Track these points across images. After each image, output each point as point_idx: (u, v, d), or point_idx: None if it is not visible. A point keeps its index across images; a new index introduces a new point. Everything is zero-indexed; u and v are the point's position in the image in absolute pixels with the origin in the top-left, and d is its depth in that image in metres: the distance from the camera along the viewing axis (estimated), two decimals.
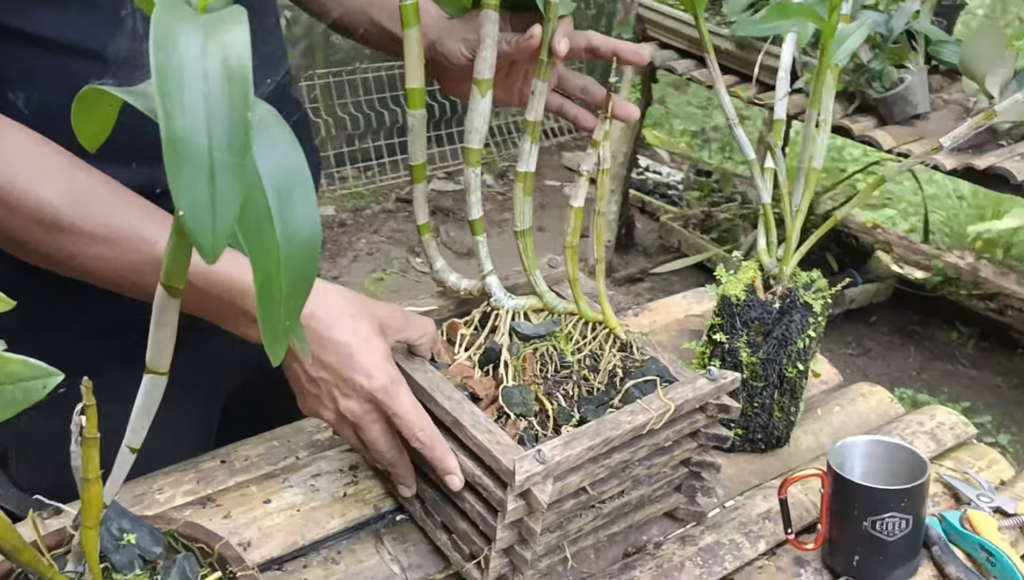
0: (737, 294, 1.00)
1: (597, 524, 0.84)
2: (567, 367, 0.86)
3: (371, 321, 0.79)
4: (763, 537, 0.90)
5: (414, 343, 0.83)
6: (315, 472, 0.91)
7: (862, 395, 1.13)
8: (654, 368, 0.86)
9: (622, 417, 0.80)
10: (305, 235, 0.49)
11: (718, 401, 0.86)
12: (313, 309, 0.76)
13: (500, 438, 0.76)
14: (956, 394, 2.72)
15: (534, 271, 0.87)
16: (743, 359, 0.99)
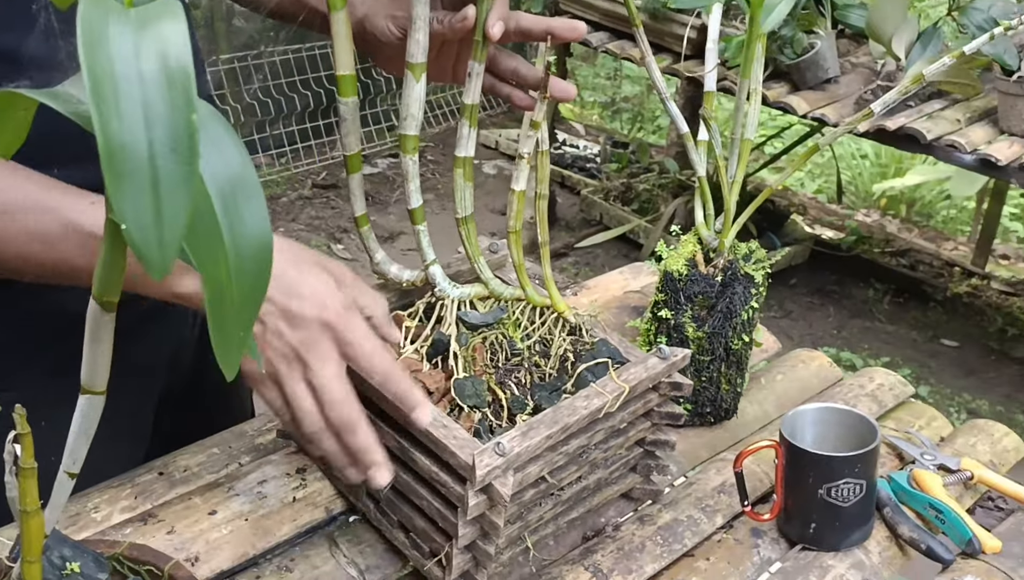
0: (679, 269, 1.00)
1: (557, 511, 0.83)
2: (518, 354, 0.84)
3: (320, 264, 0.76)
4: (720, 511, 0.90)
5: (367, 313, 0.78)
6: (261, 478, 0.88)
7: (802, 362, 1.15)
8: (605, 350, 0.85)
9: (578, 402, 0.78)
10: (256, 242, 0.46)
11: (670, 379, 0.85)
12: None
13: (456, 432, 0.74)
14: (876, 350, 2.80)
15: (478, 258, 0.85)
16: (689, 334, 0.98)
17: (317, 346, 0.71)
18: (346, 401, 0.72)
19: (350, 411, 0.73)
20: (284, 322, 0.71)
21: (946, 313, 2.98)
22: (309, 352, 0.71)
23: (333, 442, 0.74)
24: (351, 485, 0.86)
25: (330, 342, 0.72)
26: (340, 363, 0.73)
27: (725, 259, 1.01)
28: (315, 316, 0.71)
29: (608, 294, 1.25)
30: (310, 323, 0.71)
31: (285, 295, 0.71)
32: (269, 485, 0.87)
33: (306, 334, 0.71)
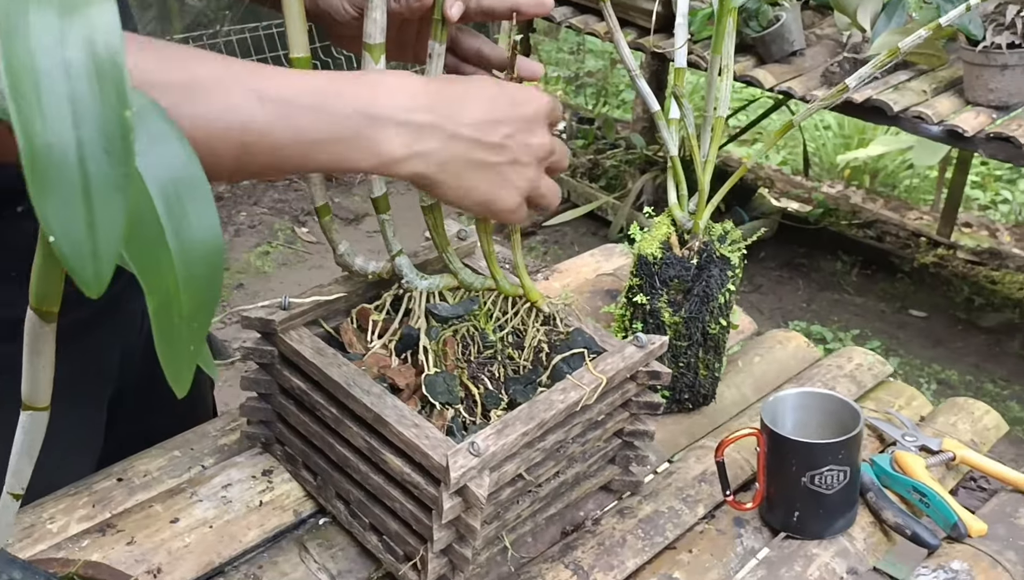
0: (653, 253, 0.97)
1: (535, 508, 0.80)
2: (490, 347, 0.81)
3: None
4: (701, 501, 0.88)
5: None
6: (225, 482, 0.84)
7: (779, 342, 1.13)
8: (580, 340, 0.82)
9: (554, 396, 0.75)
10: (205, 246, 0.42)
11: (648, 368, 0.82)
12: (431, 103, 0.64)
13: (428, 432, 0.71)
14: (845, 322, 2.81)
15: (447, 248, 0.81)
16: (665, 319, 0.96)
17: (548, 131, 0.70)
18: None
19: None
20: (526, 133, 0.67)
21: (913, 284, 2.99)
22: (554, 144, 0.70)
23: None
24: (320, 486, 0.82)
25: (547, 119, 0.70)
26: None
27: (700, 241, 0.98)
28: (540, 104, 0.69)
29: (580, 277, 1.22)
30: (540, 117, 0.69)
31: (511, 106, 0.67)
32: (234, 489, 0.83)
33: (545, 132, 0.69)
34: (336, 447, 0.78)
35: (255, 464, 0.86)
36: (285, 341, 0.79)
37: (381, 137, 0.60)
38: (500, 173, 0.66)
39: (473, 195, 0.66)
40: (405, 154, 0.61)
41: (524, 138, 0.67)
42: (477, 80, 0.70)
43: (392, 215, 0.81)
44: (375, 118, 0.60)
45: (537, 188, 0.69)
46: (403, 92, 0.62)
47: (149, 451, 0.88)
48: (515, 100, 0.68)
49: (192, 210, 0.42)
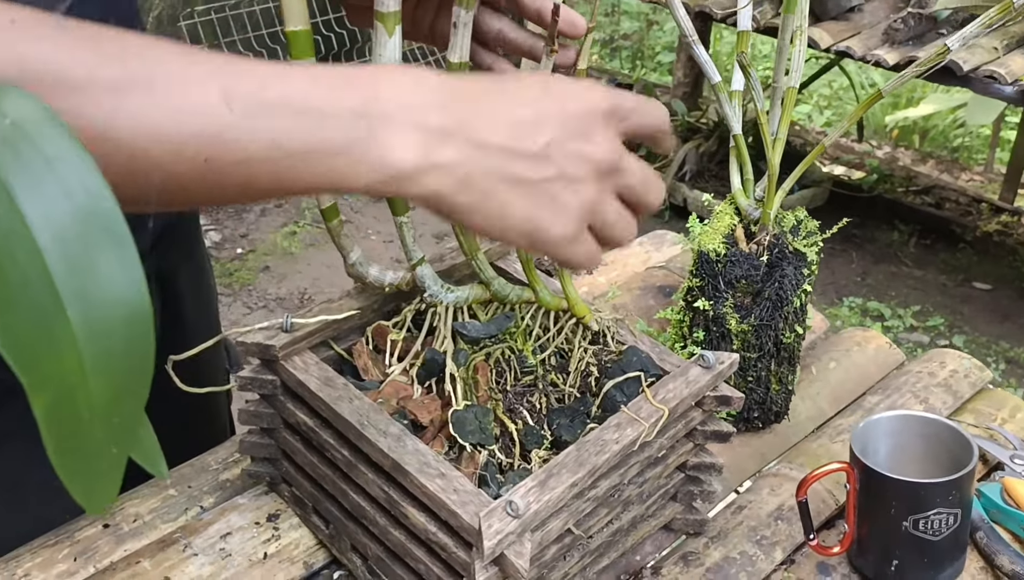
0: (716, 248, 0.83)
1: (585, 563, 0.68)
2: (529, 372, 0.68)
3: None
4: (778, 543, 0.75)
5: (659, 131, 0.56)
6: (224, 530, 0.72)
7: (857, 344, 0.99)
8: (636, 361, 0.69)
9: (607, 434, 0.63)
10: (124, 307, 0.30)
11: (716, 392, 0.70)
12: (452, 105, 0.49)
13: (456, 483, 0.59)
14: (904, 297, 2.64)
15: (476, 253, 0.69)
16: (732, 327, 0.82)
17: (618, 145, 0.53)
18: (645, 170, 0.56)
19: (653, 178, 0.56)
20: (577, 139, 0.51)
21: (977, 254, 2.82)
22: (619, 155, 0.53)
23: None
24: (333, 535, 0.71)
25: (618, 131, 0.54)
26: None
27: (770, 234, 0.84)
28: (595, 103, 0.52)
29: (628, 271, 1.09)
30: (597, 117, 0.52)
31: (555, 101, 0.52)
32: (234, 539, 0.72)
33: (604, 137, 0.52)
34: (350, 494, 0.66)
35: (259, 507, 0.75)
36: (288, 370, 0.67)
37: (384, 144, 0.46)
38: (543, 191, 0.50)
39: (510, 221, 0.50)
40: (417, 166, 0.47)
41: (575, 145, 0.51)
42: (513, 79, 0.55)
43: (411, 217, 0.69)
44: (376, 120, 0.46)
45: (602, 213, 0.53)
46: (412, 88, 0.48)
47: (140, 489, 0.77)
48: (561, 94, 0.53)
49: (103, 259, 0.29)
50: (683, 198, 2.99)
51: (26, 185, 0.28)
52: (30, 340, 0.27)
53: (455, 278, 0.78)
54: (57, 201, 0.28)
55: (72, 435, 0.29)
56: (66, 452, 0.29)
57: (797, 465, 0.82)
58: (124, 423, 0.30)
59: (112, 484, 0.31)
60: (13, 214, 0.28)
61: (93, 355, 0.28)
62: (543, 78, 0.54)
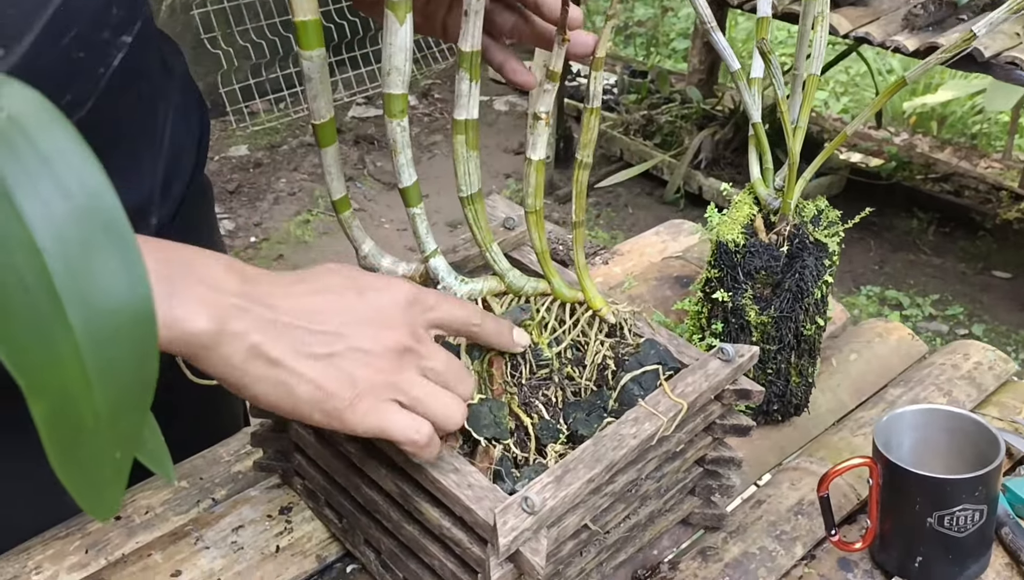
0: (735, 239, 0.82)
1: (601, 559, 0.67)
2: (545, 365, 0.67)
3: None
4: (798, 538, 0.74)
5: (467, 328, 0.61)
6: (236, 523, 0.72)
7: (878, 335, 0.97)
8: (653, 354, 0.68)
9: (624, 429, 0.61)
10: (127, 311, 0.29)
11: (735, 386, 0.68)
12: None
13: (471, 478, 0.58)
14: (923, 286, 2.61)
15: (490, 245, 0.67)
16: (751, 319, 0.81)
17: (419, 331, 0.57)
18: (461, 368, 0.60)
19: (466, 380, 0.60)
20: (375, 323, 0.55)
21: (996, 242, 2.78)
22: (418, 340, 0.57)
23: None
24: (346, 529, 0.70)
25: (426, 325, 0.59)
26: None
27: (790, 224, 0.83)
28: (397, 297, 0.57)
29: (644, 261, 1.07)
30: (394, 308, 0.57)
31: (355, 294, 0.56)
32: (246, 532, 0.71)
33: (403, 324, 0.57)
34: (363, 488, 0.65)
35: (271, 499, 0.74)
36: None
37: (179, 310, 0.49)
38: (332, 363, 0.53)
39: (298, 390, 0.52)
40: (210, 330, 0.50)
41: (371, 328, 0.54)
42: (322, 270, 0.58)
43: (425, 208, 0.67)
44: (175, 292, 0.50)
45: (405, 388, 0.55)
46: (216, 273, 0.52)
47: (152, 482, 0.77)
48: (364, 287, 0.56)
49: (105, 261, 0.28)
50: (698, 186, 2.96)
51: (23, 183, 0.27)
52: (29, 345, 0.26)
53: (469, 269, 0.77)
54: (55, 200, 0.27)
55: (74, 442, 0.28)
56: (69, 460, 0.28)
57: (818, 459, 0.80)
58: (129, 428, 0.29)
59: (117, 490, 0.30)
60: (10, 214, 0.27)
61: (96, 361, 0.27)
62: (351, 270, 0.58)
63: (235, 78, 3.32)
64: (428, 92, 3.71)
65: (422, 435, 0.55)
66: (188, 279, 0.50)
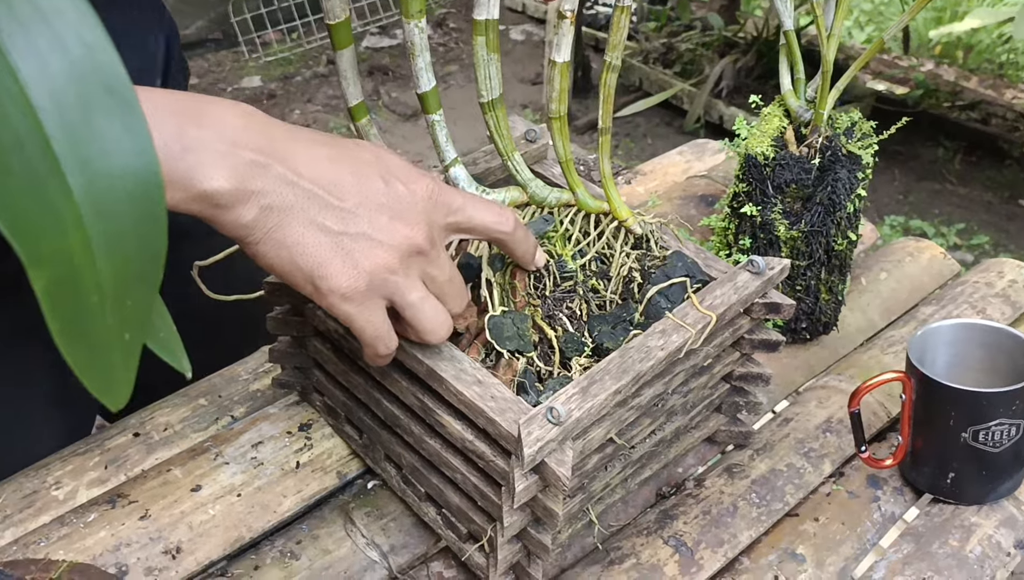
0: (764, 151, 0.79)
1: (627, 474, 0.66)
2: (569, 277, 0.65)
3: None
4: (826, 455, 0.72)
5: (496, 233, 0.58)
6: (256, 439, 0.71)
7: (909, 254, 0.95)
8: (680, 266, 0.66)
9: (651, 341, 0.60)
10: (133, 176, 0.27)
11: (765, 299, 0.66)
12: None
13: (494, 390, 0.56)
14: (948, 215, 2.57)
15: (512, 154, 0.65)
16: (780, 234, 0.78)
17: (431, 226, 0.54)
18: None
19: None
20: (392, 214, 0.53)
21: (1023, 170, 2.72)
22: (434, 238, 0.54)
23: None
24: (367, 445, 0.69)
25: (434, 213, 0.55)
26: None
27: (823, 136, 0.80)
28: (419, 192, 0.54)
29: (667, 180, 1.05)
30: (414, 204, 0.54)
31: (379, 178, 0.53)
32: (266, 448, 0.70)
33: (415, 218, 0.54)
34: (383, 403, 0.64)
35: (291, 417, 0.73)
36: None
37: (195, 167, 0.46)
38: (340, 243, 0.50)
39: (299, 259, 0.50)
40: (228, 189, 0.47)
41: (386, 216, 0.52)
42: (351, 143, 0.54)
43: (444, 115, 0.65)
44: (189, 146, 0.46)
45: (401, 290, 0.52)
46: (233, 123, 0.49)
47: (171, 398, 0.76)
48: (390, 170, 0.53)
49: (106, 123, 0.26)
50: (719, 116, 2.91)
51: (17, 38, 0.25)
52: (26, 211, 0.24)
53: (490, 181, 0.74)
54: (52, 56, 0.25)
55: (79, 319, 0.26)
56: (73, 338, 0.26)
57: (847, 377, 0.79)
58: (136, 307, 0.28)
59: (127, 375, 0.28)
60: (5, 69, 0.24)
61: (99, 229, 0.25)
62: (381, 152, 0.55)
63: (247, 7, 3.26)
64: (443, 21, 3.64)
65: (387, 350, 0.55)
66: (203, 132, 0.47)
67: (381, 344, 0.55)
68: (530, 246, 0.61)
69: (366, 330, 0.53)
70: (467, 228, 0.57)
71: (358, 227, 0.51)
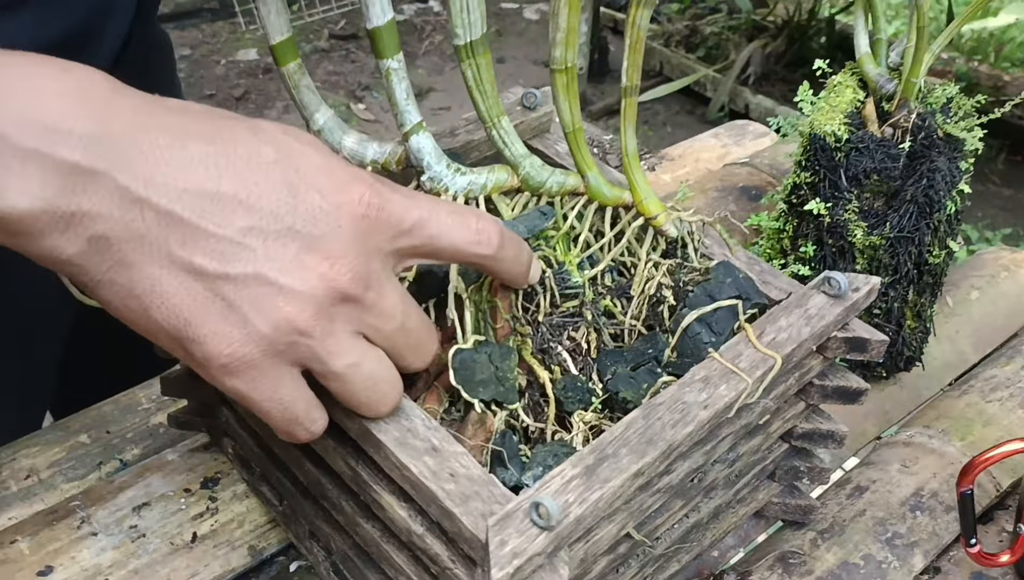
0: (835, 131, 0.60)
1: (646, 574, 0.47)
2: (573, 295, 0.46)
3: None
4: (917, 544, 0.53)
5: (471, 255, 0.39)
6: (140, 498, 0.52)
7: (1004, 269, 0.75)
8: (730, 283, 0.47)
9: (690, 394, 0.41)
10: None
11: (846, 332, 0.47)
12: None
13: (456, 463, 0.38)
14: (992, 219, 2.37)
15: (498, 119, 0.46)
16: (856, 240, 0.59)
17: (370, 257, 0.36)
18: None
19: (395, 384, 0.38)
20: (303, 239, 0.34)
21: None
22: (360, 277, 0.35)
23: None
24: (288, 515, 0.50)
25: (375, 235, 0.36)
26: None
27: (914, 112, 0.61)
28: (350, 199, 0.35)
29: (700, 167, 0.86)
30: (343, 212, 0.35)
31: (284, 183, 0.34)
32: (152, 512, 0.52)
33: (347, 241, 0.35)
34: (305, 465, 0.45)
35: (192, 467, 0.54)
36: None
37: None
38: (218, 290, 0.32)
39: (154, 310, 0.33)
40: (29, 211, 0.30)
41: (291, 251, 0.33)
42: (243, 127, 0.35)
43: (403, 62, 0.46)
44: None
45: (319, 359, 0.35)
46: (60, 103, 0.31)
47: (45, 433, 0.57)
48: (300, 178, 0.34)
49: None
50: (745, 104, 2.71)
51: None
52: None
53: (472, 160, 0.56)
54: None
55: None
56: None
57: (938, 431, 0.60)
58: None
59: None
60: None
61: None
62: (288, 143, 0.35)
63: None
64: None
65: (309, 434, 0.37)
66: (6, 117, 0.30)
67: (299, 428, 0.37)
68: (522, 265, 0.42)
69: (271, 412, 0.36)
70: (429, 251, 0.38)
71: (247, 266, 0.33)
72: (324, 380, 0.36)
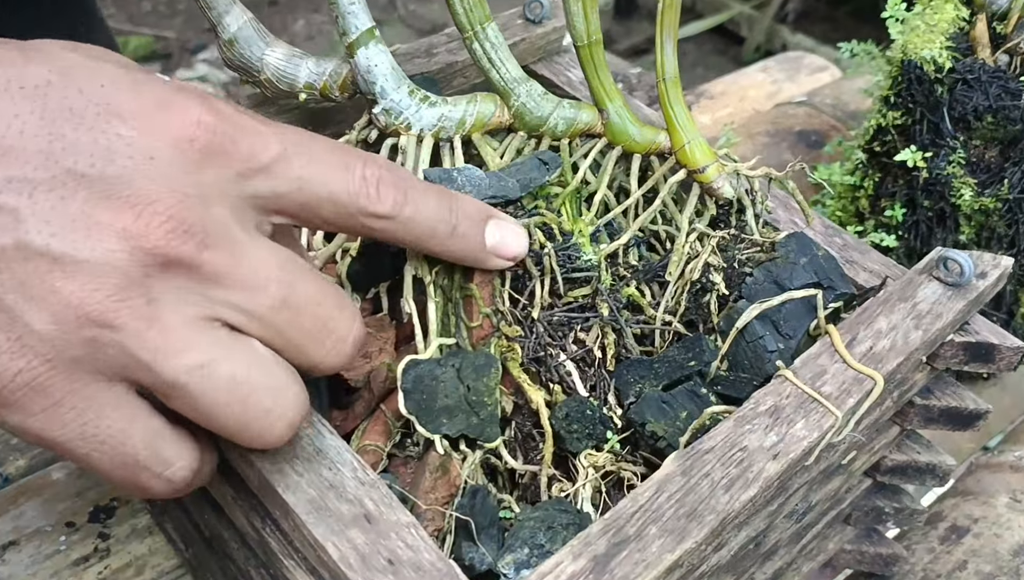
0: (936, 57, 0.45)
1: None
2: (583, 280, 0.32)
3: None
4: None
5: (358, 216, 0.26)
6: (7, 534, 0.40)
7: None
8: (805, 266, 0.33)
9: (750, 436, 0.28)
10: None
11: (966, 335, 0.33)
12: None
13: (399, 543, 0.25)
14: None
15: (481, 25, 0.32)
16: (962, 202, 0.45)
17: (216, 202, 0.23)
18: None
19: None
20: (104, 181, 0.22)
21: None
22: (198, 232, 0.23)
23: None
24: (194, 563, 0.38)
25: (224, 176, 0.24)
26: None
27: None
28: (181, 124, 0.23)
29: (746, 109, 0.71)
30: (170, 141, 0.23)
31: (100, 92, 0.22)
32: (22, 553, 0.39)
33: (180, 178, 0.23)
34: (206, 513, 0.33)
35: (81, 491, 0.42)
36: None
37: None
38: None
39: None
40: None
41: (77, 204, 0.21)
42: (15, 43, 0.23)
43: None
44: None
45: (142, 362, 0.22)
46: None
47: None
48: (91, 100, 0.22)
49: None
50: (783, 44, 2.52)
51: None
52: None
53: (453, 88, 0.42)
54: None
55: None
56: None
57: None
58: None
59: None
60: None
61: None
62: (82, 56, 0.23)
63: None
64: None
65: (170, 475, 0.25)
66: None
67: (148, 477, 0.24)
68: (465, 236, 0.28)
69: (91, 457, 0.23)
70: (299, 204, 0.25)
71: (4, 235, 0.21)
72: (163, 398, 0.23)
